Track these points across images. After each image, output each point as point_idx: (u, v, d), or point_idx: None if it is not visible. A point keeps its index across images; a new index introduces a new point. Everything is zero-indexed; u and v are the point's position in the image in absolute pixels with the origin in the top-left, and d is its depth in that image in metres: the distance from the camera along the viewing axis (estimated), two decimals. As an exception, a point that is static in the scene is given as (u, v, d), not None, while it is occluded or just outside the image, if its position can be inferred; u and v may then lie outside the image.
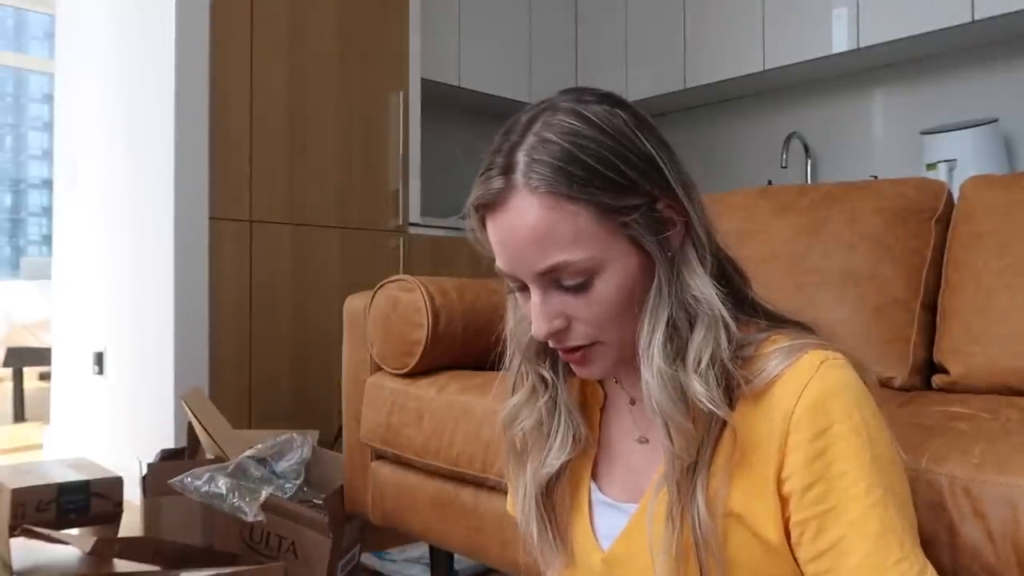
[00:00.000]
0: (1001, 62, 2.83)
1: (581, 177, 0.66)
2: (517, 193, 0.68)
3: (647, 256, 0.70)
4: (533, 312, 0.70)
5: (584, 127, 0.68)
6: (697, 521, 0.68)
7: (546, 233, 0.67)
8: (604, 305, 0.69)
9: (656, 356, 0.68)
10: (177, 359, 2.30)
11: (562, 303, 0.70)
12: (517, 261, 0.69)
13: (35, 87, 8.38)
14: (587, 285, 0.68)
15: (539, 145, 0.68)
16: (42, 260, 4.56)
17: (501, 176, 0.69)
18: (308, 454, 1.69)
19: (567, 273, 0.68)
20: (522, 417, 0.81)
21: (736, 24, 3.24)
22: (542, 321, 0.69)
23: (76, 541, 1.55)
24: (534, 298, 0.70)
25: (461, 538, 1.40)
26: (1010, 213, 1.32)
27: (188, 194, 2.33)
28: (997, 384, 1.24)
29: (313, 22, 2.61)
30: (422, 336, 1.47)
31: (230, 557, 1.52)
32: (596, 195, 0.67)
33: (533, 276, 0.69)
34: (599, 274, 0.68)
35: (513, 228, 0.69)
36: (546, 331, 0.69)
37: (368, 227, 2.73)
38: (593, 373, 0.75)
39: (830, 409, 0.66)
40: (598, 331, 0.70)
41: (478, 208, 0.73)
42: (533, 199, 0.67)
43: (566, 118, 0.69)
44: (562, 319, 0.70)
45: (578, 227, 0.67)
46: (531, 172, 0.67)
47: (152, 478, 1.67)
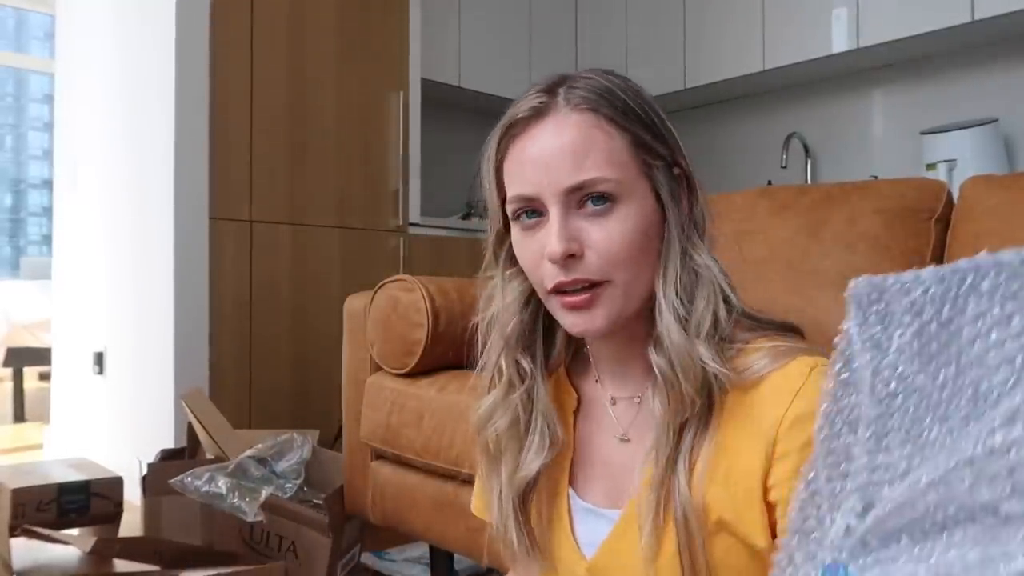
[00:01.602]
0: (1001, 62, 2.83)
1: (622, 109, 0.70)
2: (559, 110, 0.70)
3: (662, 209, 0.72)
4: (552, 231, 0.69)
5: (620, 81, 0.73)
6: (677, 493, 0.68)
7: (585, 147, 0.69)
8: (621, 235, 0.69)
9: (675, 303, 0.70)
10: (177, 359, 2.30)
11: (580, 228, 0.69)
12: (546, 177, 0.69)
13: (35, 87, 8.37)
14: (609, 210, 0.69)
15: (581, 80, 0.72)
16: (42, 260, 4.56)
17: (542, 94, 0.71)
18: (308, 454, 1.69)
19: (596, 190, 0.68)
20: (496, 417, 0.79)
21: (736, 24, 3.24)
22: (560, 240, 0.68)
23: (76, 541, 1.55)
24: (554, 218, 0.69)
25: (461, 538, 1.40)
26: (1010, 213, 1.32)
27: (188, 194, 2.33)
28: (997, 384, 1.24)
29: (313, 22, 2.61)
30: (422, 336, 1.47)
31: (230, 557, 1.52)
32: (634, 128, 0.70)
33: (561, 192, 0.69)
34: (622, 201, 0.69)
35: (551, 141, 0.69)
36: (563, 249, 0.67)
37: (368, 227, 2.73)
38: (596, 323, 0.71)
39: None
40: (610, 266, 0.69)
41: (511, 127, 0.72)
42: (574, 115, 0.70)
43: (598, 74, 0.73)
44: (578, 244, 0.69)
45: (613, 148, 0.69)
46: (573, 94, 0.70)
47: (152, 478, 1.67)
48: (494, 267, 0.80)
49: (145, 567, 1.45)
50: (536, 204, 0.71)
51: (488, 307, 0.81)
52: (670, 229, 0.71)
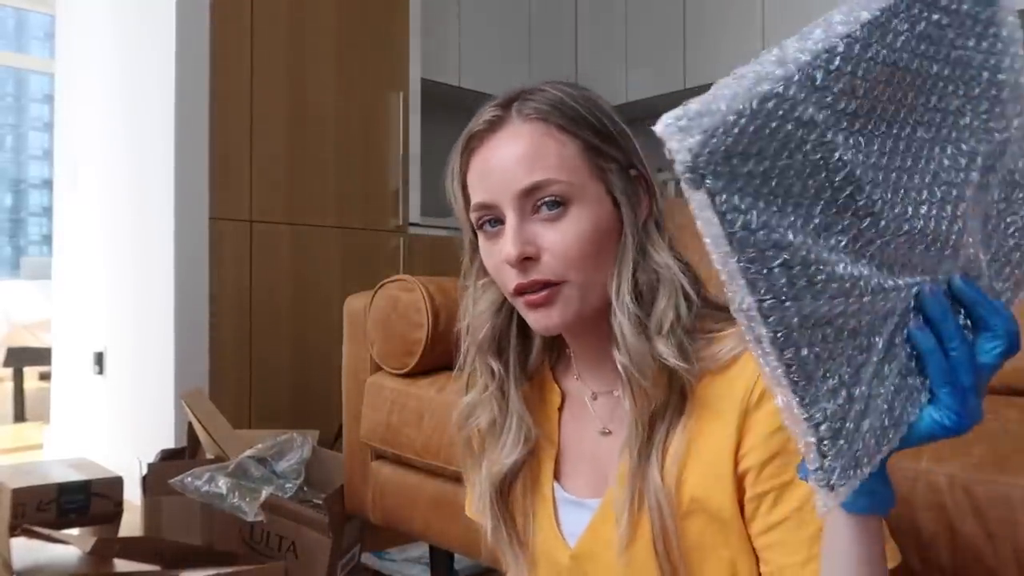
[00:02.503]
0: (1001, 62, 2.83)
1: (571, 117, 0.73)
2: (511, 122, 0.74)
3: (618, 211, 0.74)
4: (507, 236, 0.72)
5: (571, 90, 0.76)
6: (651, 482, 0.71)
7: (535, 153, 0.72)
8: (574, 237, 0.71)
9: (629, 304, 0.72)
10: (177, 359, 2.30)
11: (535, 232, 0.72)
12: (500, 184, 0.72)
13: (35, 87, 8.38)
14: (562, 213, 0.71)
15: (535, 92, 0.75)
16: (42, 260, 4.56)
17: (498, 108, 0.75)
18: (308, 454, 1.69)
19: (548, 192, 0.71)
20: (476, 415, 0.83)
21: (736, 24, 3.24)
22: (515, 243, 0.71)
23: (76, 541, 1.55)
24: (509, 221, 0.72)
25: (461, 538, 1.40)
26: (1010, 213, 1.32)
27: (188, 194, 2.33)
28: (997, 384, 1.24)
29: (313, 22, 2.61)
30: (422, 336, 1.47)
31: (230, 557, 1.52)
32: (583, 133, 0.73)
33: (515, 196, 0.72)
34: (575, 203, 0.72)
35: (503, 150, 0.73)
36: (517, 252, 0.70)
37: (368, 227, 2.74)
38: (553, 319, 0.73)
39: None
40: (566, 267, 0.71)
41: (470, 140, 0.76)
42: (526, 126, 0.73)
43: (552, 86, 0.76)
44: (533, 247, 0.71)
45: (564, 154, 0.72)
46: (526, 106, 0.74)
47: (152, 478, 1.67)
48: (469, 276, 0.83)
49: (145, 567, 1.45)
50: (495, 211, 0.73)
51: (466, 315, 0.84)
52: (626, 230, 0.74)
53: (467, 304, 0.84)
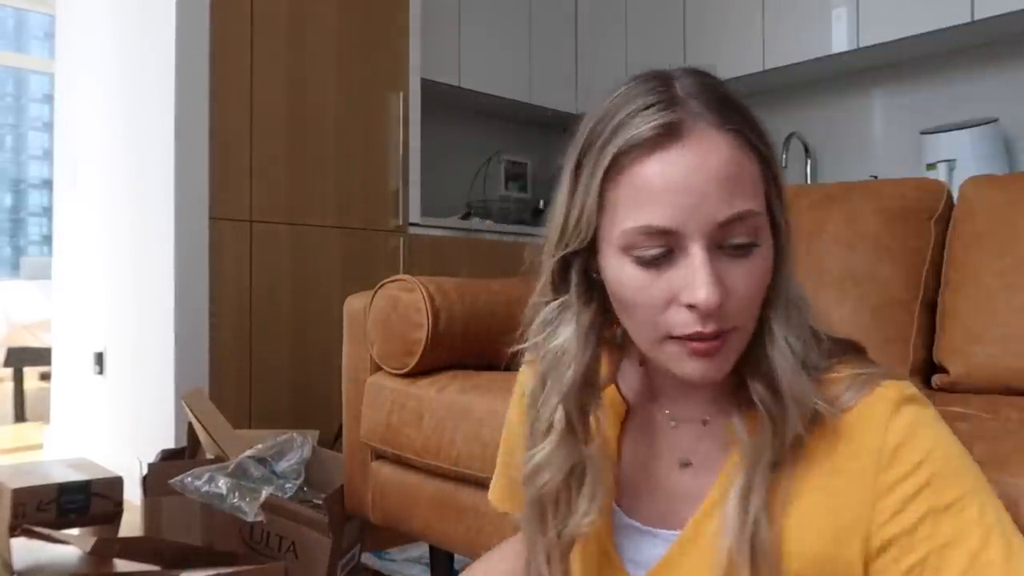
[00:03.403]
0: (1001, 62, 2.83)
1: (750, 125, 0.63)
2: (696, 126, 0.61)
3: (774, 236, 0.65)
4: (699, 278, 0.60)
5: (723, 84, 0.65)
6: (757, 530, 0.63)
7: (737, 174, 0.60)
8: (759, 278, 0.62)
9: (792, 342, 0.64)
10: (177, 359, 2.30)
11: (723, 272, 0.61)
12: (691, 210, 0.59)
13: (35, 87, 8.37)
14: (751, 249, 0.62)
15: (703, 84, 0.64)
16: (42, 260, 4.56)
17: (670, 110, 0.61)
18: (308, 454, 1.69)
19: (746, 227, 0.61)
20: (549, 474, 0.71)
21: (736, 24, 3.24)
22: (715, 287, 0.59)
23: (76, 541, 1.55)
24: (700, 259, 0.60)
25: (461, 538, 1.40)
26: (1010, 213, 1.32)
27: (188, 194, 2.33)
28: (997, 384, 1.24)
29: (313, 22, 2.61)
30: (422, 336, 1.47)
31: (230, 557, 1.52)
32: (760, 148, 0.63)
33: (710, 227, 0.60)
34: (762, 237, 0.62)
35: (699, 164, 0.60)
36: (715, 299, 0.59)
37: (368, 227, 2.73)
38: (722, 370, 0.64)
39: (922, 441, 0.61)
40: (741, 312, 0.62)
41: (634, 148, 0.61)
42: (719, 135, 0.61)
43: (715, 81, 0.66)
44: (724, 290, 0.60)
45: (754, 177, 0.62)
46: (710, 107, 0.62)
47: (152, 478, 1.67)
48: (551, 292, 0.71)
49: (145, 567, 1.44)
50: (672, 240, 0.61)
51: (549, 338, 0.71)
52: (783, 260, 0.65)
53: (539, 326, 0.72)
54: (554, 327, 0.71)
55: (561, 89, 3.83)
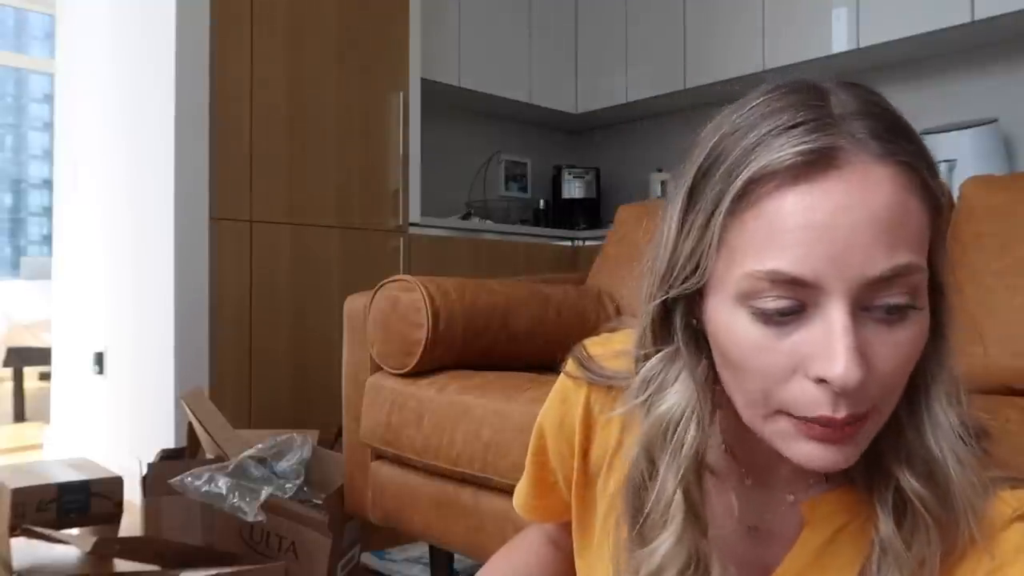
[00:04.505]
0: (1001, 62, 2.83)
1: (927, 161, 0.50)
2: (858, 156, 0.48)
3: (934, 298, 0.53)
4: (840, 345, 0.47)
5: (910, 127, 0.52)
6: None
7: (901, 220, 0.48)
8: (909, 349, 0.50)
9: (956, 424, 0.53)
10: (177, 359, 2.30)
11: (868, 339, 0.49)
12: (841, 256, 0.47)
13: (35, 87, 8.37)
14: (907, 313, 0.49)
15: (868, 103, 0.51)
16: (42, 260, 4.55)
17: (825, 132, 0.48)
18: (308, 454, 1.69)
19: (906, 286, 0.48)
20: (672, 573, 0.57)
21: (736, 24, 3.24)
22: (856, 359, 0.47)
23: (76, 541, 1.55)
24: (843, 323, 0.48)
25: (461, 538, 1.40)
26: (1010, 213, 1.32)
27: (188, 194, 2.33)
28: (997, 384, 1.24)
29: (313, 22, 2.61)
30: (422, 336, 1.47)
31: (230, 557, 1.52)
32: (934, 190, 0.50)
33: (860, 283, 0.48)
34: (921, 299, 0.50)
35: (855, 204, 0.47)
36: (860, 375, 0.47)
37: (368, 227, 2.73)
38: (848, 459, 0.52)
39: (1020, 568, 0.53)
40: (885, 392, 0.50)
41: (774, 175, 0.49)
42: (884, 169, 0.48)
43: (884, 102, 0.52)
44: (867, 364, 0.48)
45: (922, 224, 0.50)
46: (877, 132, 0.49)
47: (152, 478, 1.67)
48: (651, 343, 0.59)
49: (145, 567, 1.44)
50: (805, 293, 0.49)
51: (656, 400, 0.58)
52: (946, 326, 0.53)
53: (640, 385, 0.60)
54: (658, 384, 0.58)
55: (561, 89, 3.83)
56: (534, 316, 1.63)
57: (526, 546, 0.89)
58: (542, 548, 0.87)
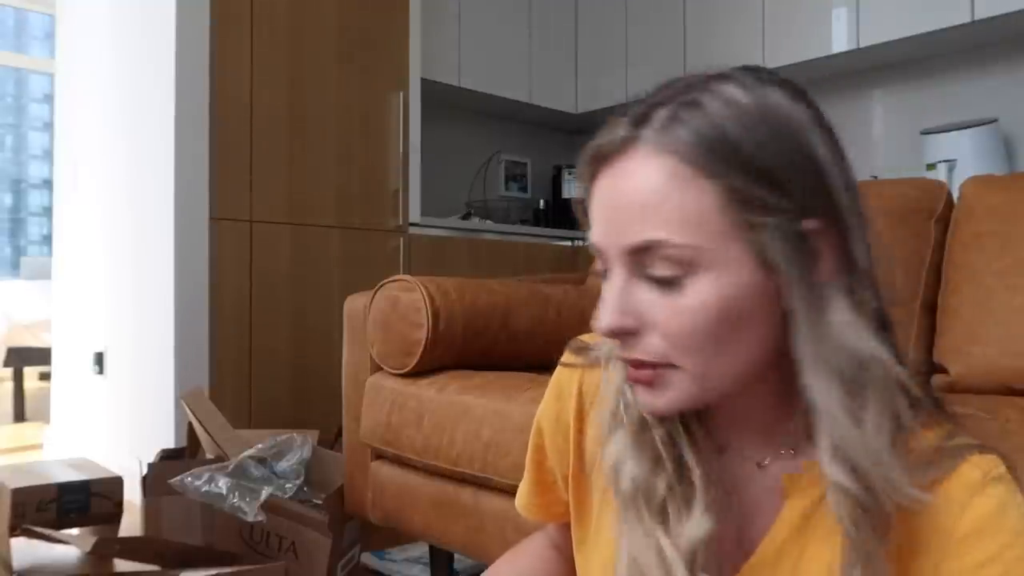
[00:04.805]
0: (1001, 62, 2.83)
1: (723, 152, 0.54)
2: (639, 149, 0.56)
3: (768, 278, 0.55)
4: (604, 299, 0.57)
5: (751, 104, 0.56)
6: None
7: (655, 202, 0.55)
8: (690, 317, 0.55)
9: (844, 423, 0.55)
10: (177, 359, 2.30)
11: (643, 300, 0.56)
12: (612, 230, 0.57)
13: (35, 87, 8.38)
14: (677, 283, 0.55)
15: (690, 107, 0.56)
16: (42, 260, 4.55)
17: (629, 125, 0.57)
18: (308, 454, 1.69)
19: (659, 257, 0.55)
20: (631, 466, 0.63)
21: (736, 24, 3.24)
22: (612, 312, 0.56)
23: (76, 541, 1.55)
24: (613, 283, 0.57)
25: (461, 538, 1.40)
26: (1010, 213, 1.32)
27: (188, 194, 2.33)
28: (997, 384, 1.24)
29: (313, 22, 2.61)
30: (422, 336, 1.47)
31: (230, 557, 1.52)
32: (732, 176, 0.54)
33: (620, 252, 0.56)
34: (696, 273, 0.55)
35: (619, 187, 0.57)
36: (608, 325, 0.56)
37: (368, 227, 2.73)
38: (657, 405, 0.58)
39: (999, 532, 0.56)
40: (672, 350, 0.56)
41: (592, 160, 0.59)
42: (656, 160, 0.55)
43: (736, 91, 0.57)
44: (635, 319, 0.56)
45: (695, 207, 0.54)
46: (666, 130, 0.56)
47: (152, 478, 1.67)
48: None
49: (145, 567, 1.44)
50: (603, 258, 0.59)
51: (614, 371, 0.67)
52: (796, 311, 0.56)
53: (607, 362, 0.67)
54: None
55: (561, 89, 3.83)
56: (534, 316, 1.63)
57: (531, 551, 0.89)
58: (546, 552, 0.87)
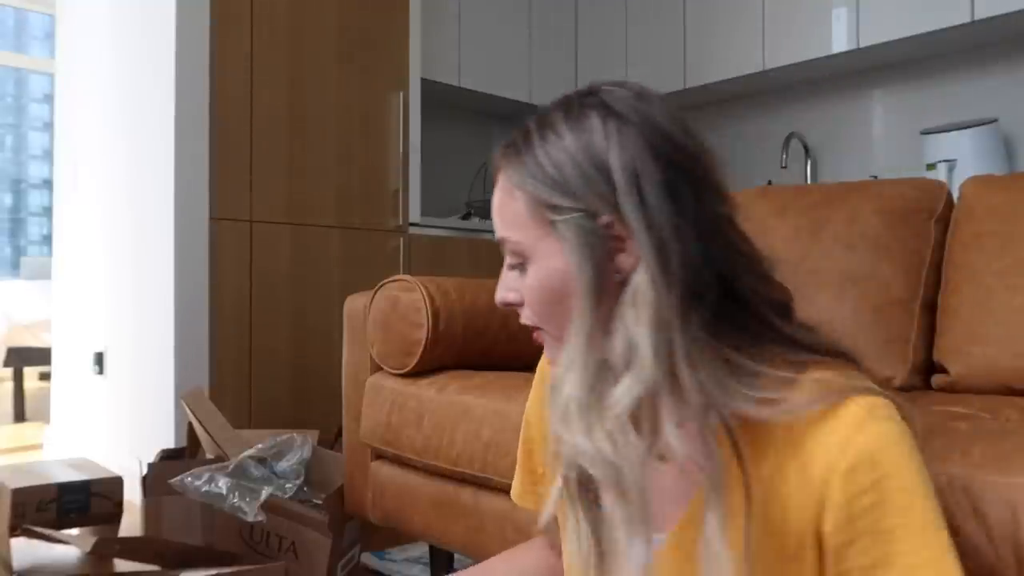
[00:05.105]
0: (1001, 62, 2.83)
1: (531, 170, 0.69)
2: (499, 168, 0.74)
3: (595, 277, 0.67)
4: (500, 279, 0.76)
5: (564, 132, 0.69)
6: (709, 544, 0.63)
7: (499, 208, 0.73)
8: (531, 292, 0.71)
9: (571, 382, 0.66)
10: (177, 359, 2.30)
11: (515, 280, 0.73)
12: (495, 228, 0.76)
13: (35, 87, 8.38)
14: (523, 268, 0.72)
15: (525, 136, 0.72)
16: (42, 260, 4.55)
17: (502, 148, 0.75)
18: (308, 454, 1.69)
19: (508, 250, 0.73)
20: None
21: (736, 24, 3.24)
22: (499, 288, 0.75)
23: (76, 541, 1.55)
24: (504, 266, 0.75)
25: (461, 537, 1.40)
26: (1010, 213, 1.32)
27: (188, 194, 2.33)
28: (997, 384, 1.24)
29: (313, 22, 2.61)
30: (422, 336, 1.47)
31: (230, 557, 1.52)
32: (534, 186, 0.69)
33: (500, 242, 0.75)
34: (530, 260, 0.71)
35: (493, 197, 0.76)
36: (498, 299, 0.75)
37: (368, 227, 2.74)
38: (549, 356, 0.76)
39: (878, 466, 0.61)
40: (537, 318, 0.72)
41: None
42: (502, 176, 0.73)
43: (560, 124, 0.70)
44: (515, 294, 0.74)
45: (516, 211, 0.71)
46: (507, 154, 0.73)
47: (152, 478, 1.67)
48: None
49: (145, 567, 1.44)
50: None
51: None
52: (580, 291, 0.67)
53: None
54: None
55: (561, 89, 3.79)
56: (534, 316, 1.63)
57: (527, 546, 0.93)
58: (542, 551, 0.91)
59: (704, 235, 0.65)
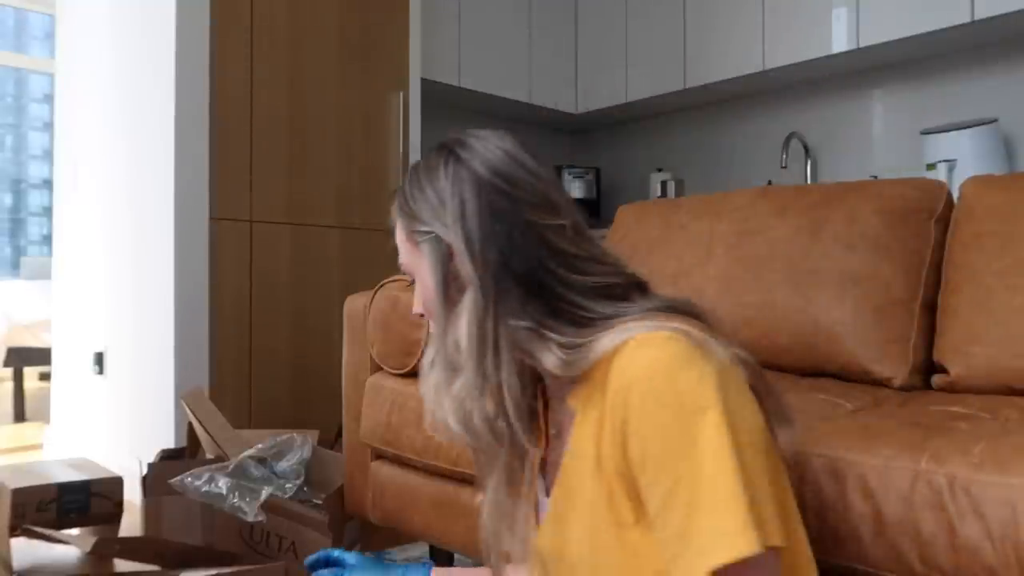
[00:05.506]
0: (1001, 62, 2.83)
1: (401, 206, 0.87)
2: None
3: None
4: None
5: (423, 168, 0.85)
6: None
7: (397, 237, 0.88)
8: (422, 303, 0.87)
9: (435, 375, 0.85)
10: (177, 359, 2.30)
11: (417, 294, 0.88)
12: None
13: (35, 87, 8.37)
14: (416, 281, 0.87)
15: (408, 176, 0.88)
16: (42, 260, 4.55)
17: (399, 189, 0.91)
18: (308, 454, 1.69)
19: (405, 269, 0.88)
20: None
21: (736, 24, 3.24)
22: (414, 303, 0.89)
23: (76, 541, 1.55)
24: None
25: (461, 538, 1.40)
26: (1010, 213, 1.32)
27: (188, 194, 2.33)
28: (997, 384, 1.24)
29: (313, 22, 2.61)
30: (422, 336, 1.47)
31: (230, 557, 1.52)
32: (403, 214, 0.86)
33: None
34: (416, 276, 0.86)
35: None
36: (413, 311, 0.90)
37: (368, 227, 2.74)
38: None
39: (639, 384, 0.69)
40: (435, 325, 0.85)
41: None
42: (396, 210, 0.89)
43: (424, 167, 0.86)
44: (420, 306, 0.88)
45: (400, 238, 0.87)
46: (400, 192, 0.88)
47: (152, 478, 1.67)
48: None
49: (145, 567, 1.44)
50: None
51: None
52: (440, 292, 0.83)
53: None
54: None
55: (561, 89, 3.83)
56: (534, 316, 1.63)
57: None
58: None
59: (515, 242, 0.78)
